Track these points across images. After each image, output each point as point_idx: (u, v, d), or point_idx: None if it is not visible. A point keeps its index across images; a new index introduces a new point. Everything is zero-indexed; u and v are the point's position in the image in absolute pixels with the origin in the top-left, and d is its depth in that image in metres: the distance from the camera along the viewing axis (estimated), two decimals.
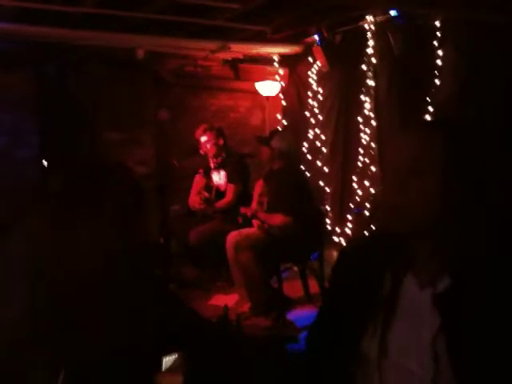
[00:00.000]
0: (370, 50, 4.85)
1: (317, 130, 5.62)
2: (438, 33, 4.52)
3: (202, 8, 4.39)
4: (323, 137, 5.56)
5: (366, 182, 4.95)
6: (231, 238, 3.97)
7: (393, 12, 4.53)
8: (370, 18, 4.75)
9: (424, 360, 1.04)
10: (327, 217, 5.37)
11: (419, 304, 1.07)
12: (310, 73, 5.68)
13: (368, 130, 4.96)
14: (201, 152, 4.67)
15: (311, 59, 5.58)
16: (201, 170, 4.74)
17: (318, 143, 5.58)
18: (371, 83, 4.90)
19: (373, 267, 1.15)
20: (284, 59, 5.87)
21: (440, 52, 4.48)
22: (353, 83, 5.14)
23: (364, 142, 4.99)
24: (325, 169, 5.50)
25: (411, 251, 1.11)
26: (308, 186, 4.25)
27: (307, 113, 5.72)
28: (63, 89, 5.25)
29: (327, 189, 5.46)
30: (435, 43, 4.51)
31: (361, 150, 5.02)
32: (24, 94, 5.12)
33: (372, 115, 4.92)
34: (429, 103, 4.51)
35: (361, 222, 5.02)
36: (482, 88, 4.04)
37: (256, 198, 4.34)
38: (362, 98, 4.97)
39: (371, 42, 4.83)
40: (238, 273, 3.94)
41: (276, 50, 5.66)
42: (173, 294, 1.55)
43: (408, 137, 1.11)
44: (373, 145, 4.92)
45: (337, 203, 5.41)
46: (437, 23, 4.48)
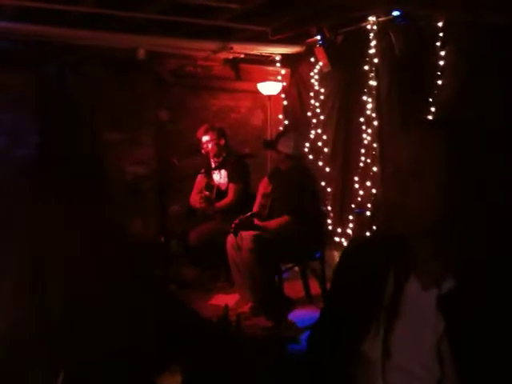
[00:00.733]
0: (372, 51, 4.84)
1: (318, 130, 5.62)
2: (440, 34, 4.52)
3: (203, 8, 4.38)
4: (325, 137, 5.55)
5: (368, 183, 4.94)
6: (231, 238, 3.97)
7: (395, 13, 4.53)
8: (373, 19, 4.75)
9: (428, 362, 1.03)
10: (328, 217, 5.36)
11: (422, 306, 1.06)
12: (312, 73, 5.67)
13: (370, 130, 4.95)
14: (202, 151, 4.69)
15: (313, 59, 5.57)
16: (203, 170, 4.75)
17: (320, 143, 5.58)
18: (373, 83, 4.89)
19: (375, 268, 1.14)
20: (285, 59, 5.87)
21: (442, 53, 4.47)
22: (354, 83, 5.13)
23: (365, 142, 4.98)
24: (326, 169, 5.49)
25: (413, 252, 1.10)
26: (315, 187, 4.26)
27: (309, 113, 5.72)
28: (63, 89, 5.24)
29: (328, 189, 5.45)
30: (437, 44, 4.50)
31: (362, 150, 5.01)
32: (24, 94, 5.11)
33: (374, 115, 4.91)
34: (430, 104, 4.49)
35: (362, 223, 5.01)
36: (483, 88, 4.03)
37: (259, 197, 4.33)
38: (364, 98, 4.96)
39: (373, 43, 4.82)
40: (238, 273, 3.94)
41: (278, 51, 5.65)
42: (173, 294, 1.54)
43: (409, 137, 1.11)
44: (374, 145, 4.90)
45: (338, 203, 5.40)
46: (439, 24, 4.47)
